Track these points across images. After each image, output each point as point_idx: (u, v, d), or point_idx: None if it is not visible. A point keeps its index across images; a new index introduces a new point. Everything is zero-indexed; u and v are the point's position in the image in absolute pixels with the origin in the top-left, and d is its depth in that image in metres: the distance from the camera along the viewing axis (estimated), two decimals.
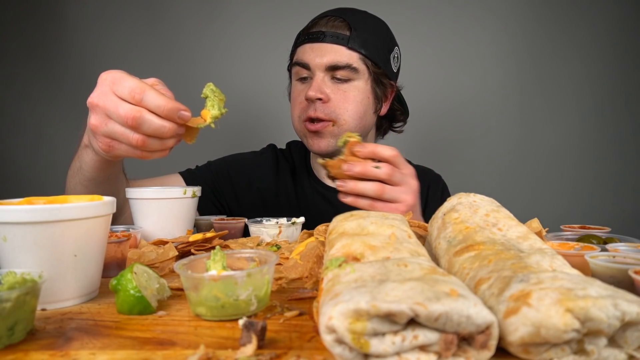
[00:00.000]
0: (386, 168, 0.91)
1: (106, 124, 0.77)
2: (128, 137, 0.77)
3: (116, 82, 0.76)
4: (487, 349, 0.38)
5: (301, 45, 1.25)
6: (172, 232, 0.98)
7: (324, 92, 1.20)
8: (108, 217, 0.62)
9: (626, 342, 0.39)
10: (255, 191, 1.38)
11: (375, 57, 1.23)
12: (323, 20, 1.24)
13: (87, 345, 0.45)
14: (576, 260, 0.64)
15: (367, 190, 0.91)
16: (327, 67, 1.20)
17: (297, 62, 1.25)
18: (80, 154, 0.94)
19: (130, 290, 0.53)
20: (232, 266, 0.60)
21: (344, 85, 1.22)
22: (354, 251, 0.50)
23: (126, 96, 0.75)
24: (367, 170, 0.90)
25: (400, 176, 0.93)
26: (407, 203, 0.93)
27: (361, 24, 1.24)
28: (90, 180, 0.94)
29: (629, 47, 2.27)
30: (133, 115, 0.74)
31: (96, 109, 0.77)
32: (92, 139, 0.83)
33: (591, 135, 2.31)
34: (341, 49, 1.20)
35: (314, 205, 1.35)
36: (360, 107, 1.23)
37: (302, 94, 1.24)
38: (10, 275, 0.50)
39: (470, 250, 0.54)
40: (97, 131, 0.79)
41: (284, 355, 0.42)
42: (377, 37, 1.26)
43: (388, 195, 0.91)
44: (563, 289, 0.40)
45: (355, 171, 0.90)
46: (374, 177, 0.91)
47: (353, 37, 1.20)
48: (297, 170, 1.42)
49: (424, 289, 0.39)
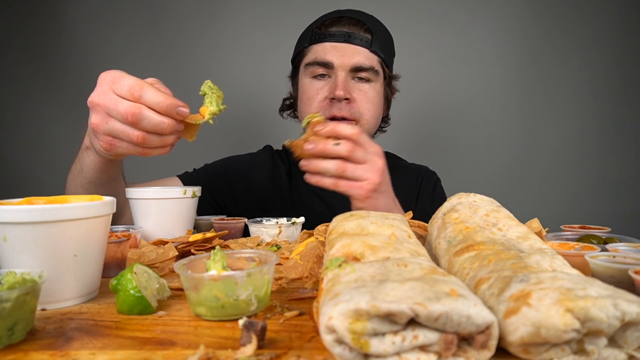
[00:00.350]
0: (346, 145, 0.90)
1: (107, 122, 0.78)
2: (128, 134, 0.78)
3: (115, 81, 0.77)
4: (487, 349, 0.38)
5: (319, 42, 1.26)
6: (172, 232, 0.98)
7: (350, 93, 1.22)
8: (108, 217, 0.62)
9: (626, 342, 0.39)
10: (252, 192, 1.38)
11: (389, 61, 1.30)
12: (342, 21, 1.26)
13: (87, 345, 0.45)
14: (576, 260, 0.64)
15: (329, 168, 0.90)
16: (352, 68, 1.22)
17: (317, 62, 1.24)
18: (81, 156, 0.94)
19: (130, 290, 0.53)
20: (232, 266, 0.60)
21: (365, 85, 1.25)
22: (354, 251, 0.50)
23: (125, 94, 0.76)
24: (327, 148, 0.90)
25: (363, 154, 0.91)
26: (371, 181, 0.91)
27: (377, 28, 1.28)
28: (91, 182, 0.95)
29: (629, 47, 2.27)
30: (132, 111, 0.75)
31: (97, 107, 0.78)
32: (94, 139, 0.84)
33: (591, 135, 2.31)
34: (365, 52, 1.23)
35: (310, 206, 1.34)
36: (378, 108, 1.29)
37: (321, 92, 1.24)
38: (10, 275, 0.50)
39: (470, 250, 0.54)
40: (98, 130, 0.80)
41: (284, 355, 0.42)
42: (389, 43, 1.32)
43: (350, 173, 0.90)
44: (563, 289, 0.40)
45: (316, 149, 0.90)
46: (335, 154, 0.90)
47: (375, 40, 1.24)
48: (292, 171, 1.42)
49: (424, 289, 0.39)
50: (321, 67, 1.24)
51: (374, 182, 0.91)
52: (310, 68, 1.27)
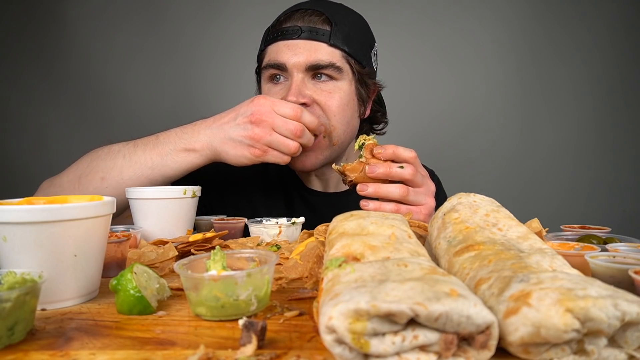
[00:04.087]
0: (409, 169, 0.88)
1: (270, 134, 0.96)
2: (288, 145, 0.96)
3: (276, 104, 0.97)
4: (487, 349, 0.38)
5: (273, 43, 1.12)
6: (172, 232, 0.98)
7: (305, 95, 1.07)
8: (108, 217, 0.62)
9: (626, 342, 0.39)
10: (244, 199, 1.30)
11: (359, 54, 1.12)
12: (297, 14, 1.11)
13: (87, 345, 0.45)
14: (576, 260, 0.64)
15: (392, 192, 0.87)
16: (307, 67, 1.07)
17: (270, 64, 1.11)
18: (166, 153, 1.02)
19: (130, 290, 0.53)
20: (232, 266, 0.60)
21: (327, 85, 1.10)
22: (354, 251, 0.50)
23: (289, 114, 0.96)
24: (392, 170, 0.87)
25: (421, 177, 0.91)
26: (428, 205, 0.90)
27: (341, 17, 1.11)
28: (166, 177, 1.04)
29: (628, 48, 2.27)
30: (300, 128, 0.96)
31: (262, 123, 0.96)
32: (238, 146, 0.98)
33: (592, 135, 2.32)
34: (322, 46, 1.07)
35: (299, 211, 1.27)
36: (347, 111, 1.13)
37: (278, 97, 1.09)
38: (10, 275, 0.50)
39: (470, 250, 0.54)
40: (260, 140, 0.96)
41: (284, 355, 0.42)
42: (358, 32, 1.14)
43: (412, 198, 0.89)
44: (563, 289, 0.40)
45: (379, 172, 0.87)
46: (399, 177, 0.88)
47: (334, 32, 1.08)
48: (284, 173, 1.34)
49: (424, 289, 0.39)
50: (275, 69, 1.11)
51: (431, 206, 0.91)
52: (266, 72, 1.14)
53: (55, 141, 2.45)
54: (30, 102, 2.47)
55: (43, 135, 2.47)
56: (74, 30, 2.44)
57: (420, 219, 0.90)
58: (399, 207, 0.89)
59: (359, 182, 0.90)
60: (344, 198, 1.28)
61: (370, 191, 0.88)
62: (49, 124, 2.46)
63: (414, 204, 0.90)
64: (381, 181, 0.89)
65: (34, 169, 2.47)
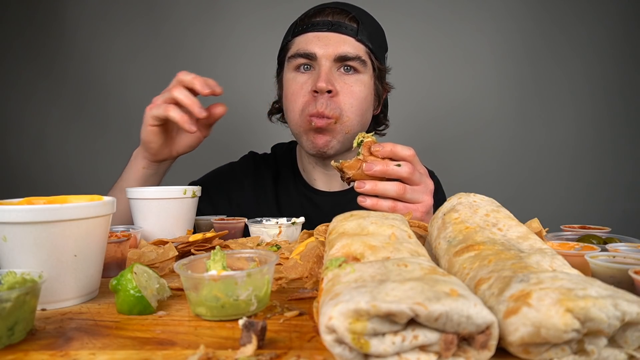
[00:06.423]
0: (407, 167, 0.88)
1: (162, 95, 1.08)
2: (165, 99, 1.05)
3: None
4: (487, 349, 0.38)
5: (302, 34, 1.20)
6: (172, 232, 0.98)
7: (333, 85, 1.15)
8: (108, 217, 0.62)
9: (626, 342, 0.39)
10: (235, 207, 1.34)
11: (378, 53, 1.22)
12: (326, 12, 1.20)
13: (87, 345, 0.45)
14: (576, 260, 0.64)
15: (389, 190, 0.88)
16: (337, 57, 1.15)
17: (299, 54, 1.18)
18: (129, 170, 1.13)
19: (130, 290, 0.53)
20: (232, 266, 0.60)
21: (351, 78, 1.18)
22: (354, 251, 0.50)
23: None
24: (389, 168, 0.88)
25: (419, 175, 0.91)
26: (426, 203, 0.91)
27: (365, 18, 1.21)
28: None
29: (626, 48, 2.27)
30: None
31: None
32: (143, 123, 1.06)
33: (591, 134, 2.32)
34: (350, 40, 1.16)
35: (300, 210, 1.30)
36: (363, 104, 1.20)
37: (305, 86, 1.18)
38: (10, 275, 0.50)
39: (471, 250, 0.54)
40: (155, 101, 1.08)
41: (284, 355, 0.42)
42: (378, 35, 1.24)
43: (409, 195, 0.89)
44: (563, 289, 0.40)
45: (375, 170, 0.88)
46: (396, 175, 0.89)
47: (361, 29, 1.17)
48: (281, 175, 1.38)
49: (424, 289, 0.39)
50: (304, 58, 1.18)
51: (428, 204, 0.91)
52: (294, 61, 1.20)
53: (55, 141, 2.45)
54: (30, 102, 2.47)
55: (43, 135, 2.47)
56: (75, 30, 2.44)
57: (418, 217, 0.90)
58: (396, 204, 0.89)
59: (356, 179, 0.90)
60: (344, 197, 1.29)
61: (367, 188, 0.89)
62: (49, 124, 2.46)
63: (411, 202, 0.90)
64: (379, 179, 0.90)
65: (34, 169, 2.47)
